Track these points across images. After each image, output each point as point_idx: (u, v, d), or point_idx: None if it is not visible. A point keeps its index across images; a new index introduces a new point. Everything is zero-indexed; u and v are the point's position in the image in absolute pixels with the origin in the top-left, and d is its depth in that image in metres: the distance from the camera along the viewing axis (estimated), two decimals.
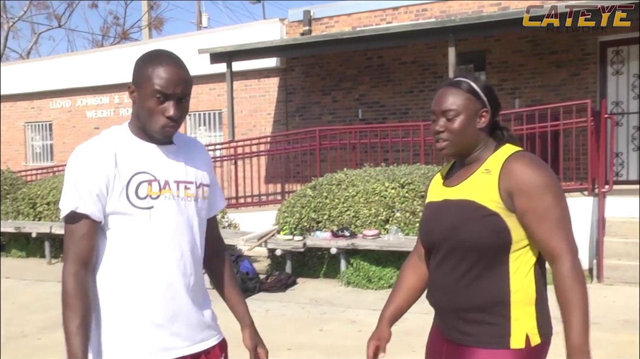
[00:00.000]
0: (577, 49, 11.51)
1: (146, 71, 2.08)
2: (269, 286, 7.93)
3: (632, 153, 11.22)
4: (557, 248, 2.01)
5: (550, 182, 2.04)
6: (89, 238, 2.05)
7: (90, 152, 2.09)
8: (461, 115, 2.14)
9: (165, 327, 2.14)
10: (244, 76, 14.33)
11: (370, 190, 8.51)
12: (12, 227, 11.06)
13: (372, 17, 13.23)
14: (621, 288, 7.49)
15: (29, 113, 18.56)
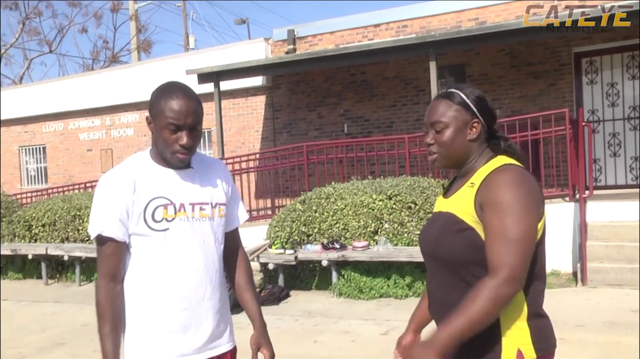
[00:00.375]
0: (552, 60, 11.58)
1: (160, 104, 2.25)
2: (263, 300, 7.84)
3: (609, 159, 11.26)
4: (495, 267, 1.88)
5: (515, 203, 1.92)
6: (114, 256, 2.29)
7: (112, 181, 2.29)
8: (450, 127, 2.09)
9: (179, 335, 2.33)
10: (232, 95, 14.30)
11: (358, 203, 8.49)
12: (8, 250, 10.96)
13: (355, 35, 13.24)
14: (605, 290, 7.48)
15: (22, 137, 18.48)
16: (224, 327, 2.50)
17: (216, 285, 2.44)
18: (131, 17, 29.31)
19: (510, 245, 1.87)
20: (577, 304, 6.96)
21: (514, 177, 1.98)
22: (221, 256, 2.51)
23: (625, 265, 7.72)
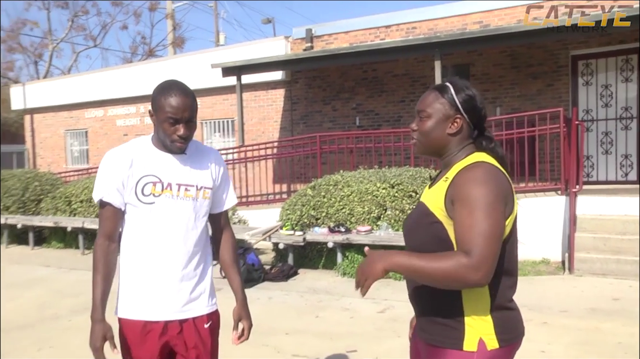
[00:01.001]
0: (551, 62, 11.36)
1: (160, 101, 2.42)
2: (273, 276, 7.81)
3: (601, 156, 11.05)
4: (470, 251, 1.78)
5: (483, 198, 1.83)
6: (111, 219, 2.50)
7: (114, 157, 2.49)
8: (432, 118, 2.04)
9: (157, 295, 2.50)
10: (254, 88, 14.21)
11: (363, 190, 8.36)
12: (51, 222, 11.12)
13: (367, 35, 13.07)
14: (590, 279, 7.31)
15: (68, 122, 18.63)
16: (201, 294, 2.62)
17: (193, 256, 2.58)
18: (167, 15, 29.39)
19: (480, 237, 1.79)
20: (563, 291, 6.81)
21: (483, 174, 1.90)
22: (202, 233, 2.62)
23: (611, 256, 7.55)
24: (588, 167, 11.07)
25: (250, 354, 4.91)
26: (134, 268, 2.52)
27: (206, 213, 2.64)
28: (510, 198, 1.92)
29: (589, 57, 11.09)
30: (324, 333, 5.45)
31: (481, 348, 1.91)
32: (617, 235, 7.88)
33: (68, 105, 18.34)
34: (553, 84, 11.35)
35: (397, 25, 12.73)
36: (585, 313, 5.88)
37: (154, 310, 2.50)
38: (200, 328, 2.60)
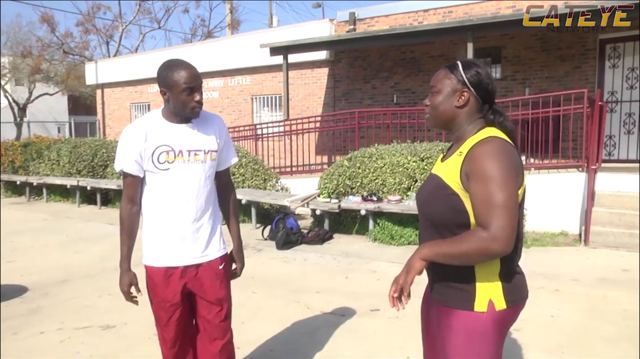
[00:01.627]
0: (579, 45, 11.04)
1: (173, 77, 2.54)
2: (310, 240, 7.87)
3: (623, 136, 10.74)
4: (487, 223, 1.82)
5: (498, 172, 1.84)
6: (132, 186, 2.68)
7: (130, 132, 2.62)
8: (441, 93, 2.05)
9: (177, 244, 2.71)
10: (300, 66, 14.17)
11: (395, 163, 8.32)
12: (115, 185, 11.35)
13: (406, 18, 12.87)
14: (603, 251, 7.18)
15: (133, 96, 18.99)
16: (213, 242, 2.82)
17: (205, 211, 2.78)
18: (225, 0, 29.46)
19: (497, 208, 1.81)
20: (577, 262, 6.71)
21: (495, 149, 1.90)
22: (211, 190, 2.83)
23: (625, 230, 7.38)
24: (610, 146, 10.78)
25: (282, 309, 5.02)
26: (155, 224, 2.71)
27: (213, 172, 2.82)
28: (520, 171, 1.93)
29: (616, 40, 10.71)
30: (351, 293, 5.49)
31: (490, 308, 1.95)
32: (632, 210, 7.69)
33: (134, 80, 18.65)
34: (580, 66, 11.05)
35: (435, 10, 12.50)
36: (595, 282, 5.79)
37: (173, 257, 2.72)
38: (215, 269, 2.83)
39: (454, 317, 1.99)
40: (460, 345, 1.99)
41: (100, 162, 12.76)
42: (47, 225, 9.79)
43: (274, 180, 10.38)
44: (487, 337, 1.97)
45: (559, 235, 8.19)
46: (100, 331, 4.49)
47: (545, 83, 11.32)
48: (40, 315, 4.90)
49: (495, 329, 1.97)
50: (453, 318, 1.99)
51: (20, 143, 14.95)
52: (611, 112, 10.65)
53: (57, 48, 33.74)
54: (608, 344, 4.16)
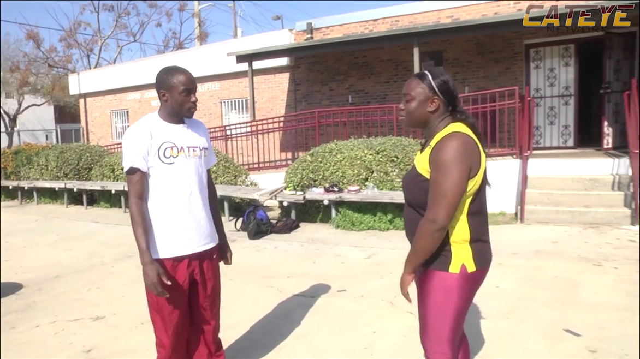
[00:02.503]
0: (508, 49, 11.23)
1: (172, 80, 2.57)
2: (278, 229, 7.79)
3: (547, 127, 10.97)
4: (427, 210, 2.06)
5: (448, 163, 2.01)
6: (140, 182, 2.57)
7: (136, 132, 2.57)
8: (415, 100, 2.18)
9: (184, 234, 2.65)
10: (264, 72, 14.01)
11: (353, 156, 8.30)
12: (99, 186, 11.10)
13: (358, 27, 12.82)
14: (536, 227, 7.31)
15: (113, 104, 18.49)
16: (211, 231, 2.82)
17: (205, 202, 2.77)
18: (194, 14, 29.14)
19: (438, 195, 2.02)
20: (515, 237, 6.80)
21: (454, 142, 2.04)
22: (205, 183, 2.82)
23: (552, 207, 7.55)
24: (537, 135, 10.97)
25: (257, 294, 4.95)
26: (161, 217, 2.62)
27: (205, 168, 2.82)
28: (476, 161, 2.07)
29: (538, 45, 10.94)
30: (319, 276, 5.45)
31: (462, 270, 2.12)
32: (557, 190, 7.88)
33: (113, 89, 18.18)
34: (510, 67, 11.23)
35: (383, 19, 12.50)
36: (531, 254, 5.90)
37: (180, 247, 2.66)
38: (212, 258, 2.84)
39: (433, 277, 2.16)
40: (437, 300, 2.16)
41: (84, 165, 12.46)
42: (39, 226, 9.51)
43: (243, 176, 10.26)
44: (458, 293, 2.14)
45: (499, 214, 8.30)
46: (91, 323, 4.37)
47: (482, 82, 11.45)
48: (35, 310, 4.78)
49: (465, 287, 2.15)
50: (433, 278, 2.16)
51: (11, 151, 14.49)
52: (537, 106, 10.85)
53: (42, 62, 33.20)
54: (543, 306, 4.26)
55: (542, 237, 6.71)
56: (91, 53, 34.74)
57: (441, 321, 2.17)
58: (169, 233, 2.62)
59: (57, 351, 3.80)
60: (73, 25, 33.81)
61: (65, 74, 30.38)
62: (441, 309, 2.16)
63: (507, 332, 3.78)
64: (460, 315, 2.20)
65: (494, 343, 3.60)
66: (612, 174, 7.90)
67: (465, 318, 2.25)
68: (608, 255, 5.73)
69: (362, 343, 3.70)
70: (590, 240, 6.44)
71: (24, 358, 3.74)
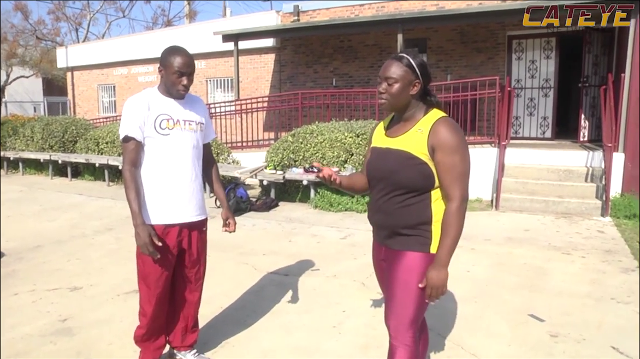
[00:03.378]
0: (491, 39, 11.16)
1: (170, 59, 2.63)
2: (257, 207, 7.72)
3: (526, 117, 10.96)
4: (452, 194, 2.05)
5: (460, 145, 2.04)
6: (135, 150, 2.63)
7: (135, 102, 2.64)
8: (398, 83, 2.10)
9: (176, 203, 2.71)
10: (249, 52, 13.75)
11: (334, 138, 8.23)
12: (83, 159, 10.94)
13: (344, 11, 12.65)
14: (511, 214, 7.33)
15: (100, 78, 18.16)
16: (203, 204, 2.88)
17: (198, 175, 2.82)
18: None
19: (460, 176, 2.04)
20: (489, 224, 6.82)
21: (454, 126, 2.07)
22: (200, 157, 2.87)
23: (527, 196, 7.56)
24: (517, 125, 10.98)
25: (232, 270, 4.91)
26: (155, 185, 2.69)
27: (201, 143, 2.87)
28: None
29: (520, 37, 10.89)
30: (294, 254, 5.41)
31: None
32: (533, 180, 7.90)
33: (100, 64, 17.85)
34: (493, 57, 11.18)
35: (370, 4, 12.31)
36: (503, 241, 5.91)
37: (172, 215, 2.72)
38: (201, 230, 2.90)
39: (414, 259, 2.12)
40: (415, 281, 2.13)
41: (70, 138, 12.26)
42: (23, 196, 9.35)
43: (225, 154, 10.15)
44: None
45: (475, 201, 8.32)
46: (69, 293, 4.33)
47: (464, 71, 11.40)
48: (15, 278, 4.72)
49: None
50: (413, 259, 2.12)
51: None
52: (517, 97, 10.84)
53: (30, 34, 32.62)
54: (510, 292, 4.27)
55: (515, 225, 6.73)
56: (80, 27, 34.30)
57: (414, 301, 2.15)
58: (161, 201, 2.69)
59: (34, 319, 3.78)
60: None
61: (53, 47, 29.93)
62: (416, 291, 2.13)
63: (474, 315, 3.78)
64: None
65: (460, 325, 3.61)
66: (586, 166, 7.95)
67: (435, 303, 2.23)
68: (577, 244, 5.76)
69: (332, 322, 3.68)
70: (561, 229, 6.48)
71: (1, 323, 3.69)
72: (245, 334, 3.50)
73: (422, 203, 2.10)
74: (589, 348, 3.27)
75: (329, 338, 3.45)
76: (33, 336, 3.49)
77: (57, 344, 3.36)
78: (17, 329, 3.59)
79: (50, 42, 33.16)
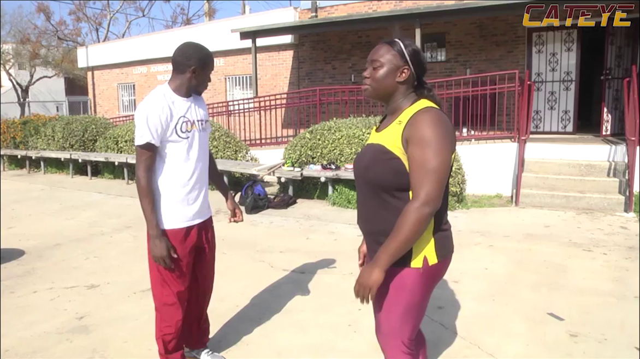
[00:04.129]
0: (511, 33, 10.99)
1: (209, 61, 2.64)
2: (275, 205, 7.71)
3: (547, 111, 10.77)
4: (416, 192, 1.77)
5: (436, 138, 1.76)
6: (152, 157, 2.57)
7: (156, 107, 2.51)
8: (384, 67, 1.90)
9: (194, 206, 2.70)
10: (268, 49, 13.80)
11: (351, 135, 8.17)
12: (103, 157, 11.02)
13: (362, 7, 12.60)
14: (530, 210, 7.21)
15: (120, 77, 18.35)
16: (209, 203, 2.86)
17: (207, 174, 2.84)
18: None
19: (429, 173, 1.75)
20: (508, 220, 6.72)
21: (434, 118, 1.80)
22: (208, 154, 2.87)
23: (547, 192, 7.43)
24: (537, 119, 10.80)
25: (248, 268, 4.91)
26: (177, 188, 2.64)
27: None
28: (454, 139, 1.85)
29: (541, 30, 10.66)
30: (311, 252, 5.39)
31: (425, 264, 1.89)
32: (553, 175, 7.76)
33: (120, 63, 18.02)
34: (512, 51, 11.02)
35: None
36: (522, 238, 5.81)
37: (193, 216, 2.71)
38: (211, 227, 2.91)
39: (392, 274, 1.90)
40: (398, 298, 1.94)
41: (90, 137, 12.39)
42: (44, 194, 9.49)
43: (244, 151, 10.17)
44: (421, 289, 1.93)
45: (495, 197, 8.22)
46: (86, 290, 4.37)
47: (483, 65, 11.26)
48: (35, 276, 4.80)
49: (427, 282, 1.93)
50: (391, 275, 1.90)
51: (20, 121, 14.45)
52: (538, 91, 10.66)
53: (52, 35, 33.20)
54: (530, 290, 4.19)
55: (535, 221, 6.62)
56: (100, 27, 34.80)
57: (402, 320, 1.97)
58: (184, 203, 2.66)
59: (52, 316, 3.83)
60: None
61: (74, 47, 30.41)
62: (401, 308, 1.95)
63: (491, 314, 3.72)
64: (421, 310, 2.01)
65: (478, 324, 3.55)
66: (608, 161, 7.78)
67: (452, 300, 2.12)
68: (599, 240, 5.64)
69: (347, 320, 3.66)
70: (582, 225, 6.35)
71: (20, 321, 3.77)
72: (260, 333, 3.49)
73: (397, 206, 1.86)
74: (610, 348, 3.19)
75: (345, 336, 3.42)
76: (50, 334, 3.53)
77: (74, 342, 3.40)
78: (35, 327, 3.64)
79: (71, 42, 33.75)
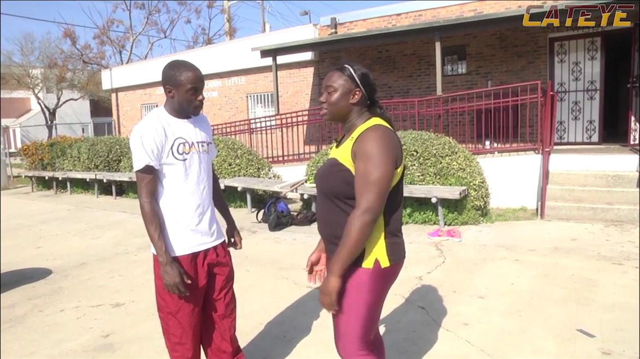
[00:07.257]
0: (532, 43, 10.93)
1: (179, 77, 2.42)
2: (298, 221, 7.73)
3: (571, 122, 10.65)
4: (359, 201, 1.95)
5: (377, 153, 1.94)
6: (153, 181, 2.45)
7: (150, 129, 2.41)
8: (337, 91, 2.10)
9: (197, 231, 2.55)
10: (289, 67, 13.96)
11: None
12: (127, 177, 11.23)
13: (381, 22, 12.68)
14: (556, 223, 7.09)
15: (143, 98, 18.71)
16: (218, 226, 2.72)
17: (211, 197, 2.69)
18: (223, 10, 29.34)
19: (369, 185, 1.93)
20: (534, 234, 6.62)
21: (379, 134, 1.98)
22: (212, 177, 2.74)
23: (573, 204, 7.31)
24: (561, 130, 10.69)
25: (272, 285, 4.93)
26: (176, 213, 2.51)
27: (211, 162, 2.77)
28: (399, 152, 2.03)
29: (563, 39, 10.61)
30: None
31: (376, 265, 2.05)
32: (579, 186, 7.64)
33: (143, 84, 18.39)
34: (534, 61, 10.94)
35: (406, 13, 12.31)
36: (548, 251, 5.72)
37: (197, 242, 2.57)
38: (225, 250, 2.75)
39: (348, 275, 2.04)
40: (349, 297, 2.07)
41: (114, 157, 12.63)
42: (70, 214, 9.70)
43: (266, 169, 10.24)
44: (370, 288, 2.06)
45: (519, 210, 8.12)
46: (111, 309, 4.45)
47: (505, 77, 11.20)
48: (61, 295, 4.92)
49: (379, 282, 2.07)
50: (346, 277, 2.04)
51: (47, 143, 14.83)
52: (561, 101, 10.56)
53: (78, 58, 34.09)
54: (558, 305, 4.11)
55: (561, 234, 6.51)
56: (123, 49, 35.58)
57: (354, 318, 2.09)
58: (184, 230, 2.52)
59: (78, 334, 3.92)
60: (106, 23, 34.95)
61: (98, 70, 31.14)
62: (353, 306, 2.07)
63: (519, 330, 3.66)
64: (373, 312, 2.12)
65: (504, 341, 3.50)
66: (637, 171, 7.63)
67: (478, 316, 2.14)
68: (629, 253, 5.52)
69: None
70: (611, 238, 6.23)
71: (48, 339, 3.86)
72: (284, 350, 3.50)
73: (349, 213, 1.99)
74: None
75: None
76: (77, 352, 3.60)
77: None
78: (62, 345, 3.72)
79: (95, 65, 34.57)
